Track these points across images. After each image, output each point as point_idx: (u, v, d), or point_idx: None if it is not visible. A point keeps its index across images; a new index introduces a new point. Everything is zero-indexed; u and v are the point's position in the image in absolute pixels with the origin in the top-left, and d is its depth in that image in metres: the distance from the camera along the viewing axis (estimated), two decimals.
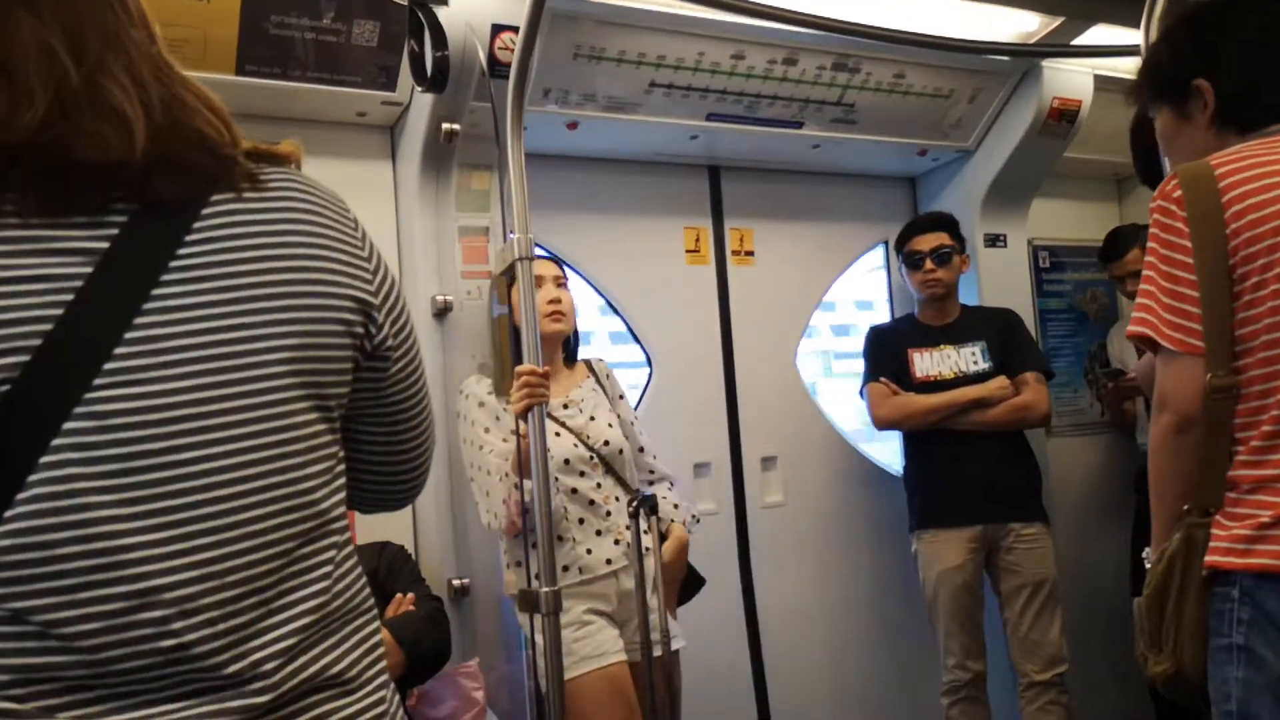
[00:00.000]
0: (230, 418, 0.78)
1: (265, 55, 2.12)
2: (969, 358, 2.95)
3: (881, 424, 2.98)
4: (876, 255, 3.43)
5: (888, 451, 3.38)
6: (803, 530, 3.09)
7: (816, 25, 2.20)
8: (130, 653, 0.73)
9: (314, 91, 2.23)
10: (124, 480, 0.74)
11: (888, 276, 3.42)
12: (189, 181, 0.80)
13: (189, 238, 0.79)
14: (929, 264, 2.92)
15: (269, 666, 0.78)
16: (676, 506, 2.34)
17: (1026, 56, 2.93)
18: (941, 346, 2.95)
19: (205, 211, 0.81)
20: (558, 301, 2.27)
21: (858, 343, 3.12)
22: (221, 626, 0.76)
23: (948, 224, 2.99)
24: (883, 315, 3.42)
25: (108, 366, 0.74)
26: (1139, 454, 3.28)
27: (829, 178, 3.28)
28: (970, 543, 2.82)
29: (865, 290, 3.49)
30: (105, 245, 0.76)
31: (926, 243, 2.93)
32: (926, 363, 2.95)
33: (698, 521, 2.38)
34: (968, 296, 3.07)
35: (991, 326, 3.01)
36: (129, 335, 0.75)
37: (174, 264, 0.78)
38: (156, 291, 0.77)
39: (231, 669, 0.76)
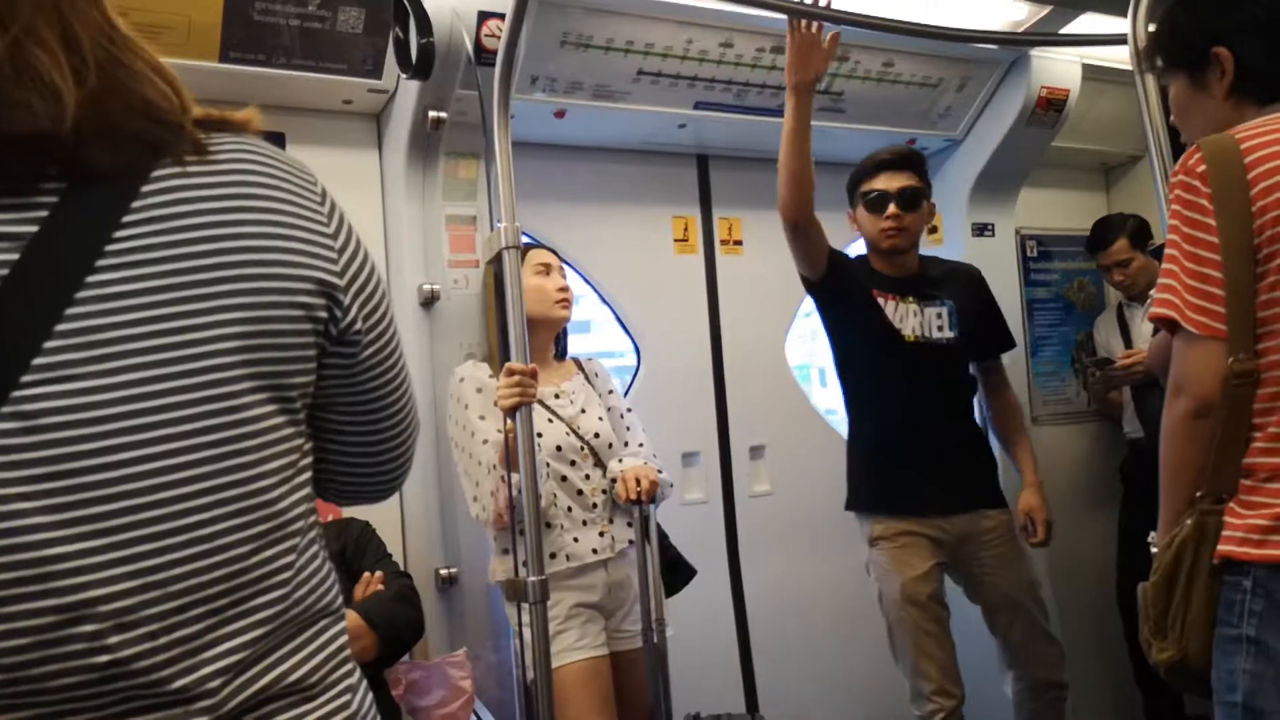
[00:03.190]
0: (173, 414, 0.72)
1: (249, 42, 2.09)
2: (933, 320, 2.53)
3: None
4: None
5: None
6: (791, 519, 3.09)
7: (805, 14, 2.19)
8: (61, 669, 0.68)
9: (299, 79, 2.21)
10: (53, 485, 0.68)
11: None
12: (127, 151, 0.74)
13: (127, 217, 0.73)
14: (893, 208, 2.46)
15: (219, 681, 0.73)
16: (652, 463, 2.26)
17: (1014, 45, 2.93)
18: (907, 299, 2.53)
19: (146, 188, 0.74)
20: (566, 290, 2.28)
21: None
22: (164, 640, 0.71)
23: (916, 162, 2.55)
24: None
25: (36, 362, 0.69)
26: (1125, 443, 3.30)
27: (818, 167, 3.23)
28: (934, 546, 2.47)
29: None
30: (33, 229, 0.70)
31: (891, 181, 2.48)
32: (891, 313, 2.51)
33: (670, 486, 2.30)
34: None
35: (957, 286, 2.62)
36: (60, 327, 0.69)
37: (110, 247, 0.72)
38: (91, 278, 0.71)
39: (178, 684, 0.71)
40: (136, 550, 0.71)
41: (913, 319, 2.51)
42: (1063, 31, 2.83)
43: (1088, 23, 2.78)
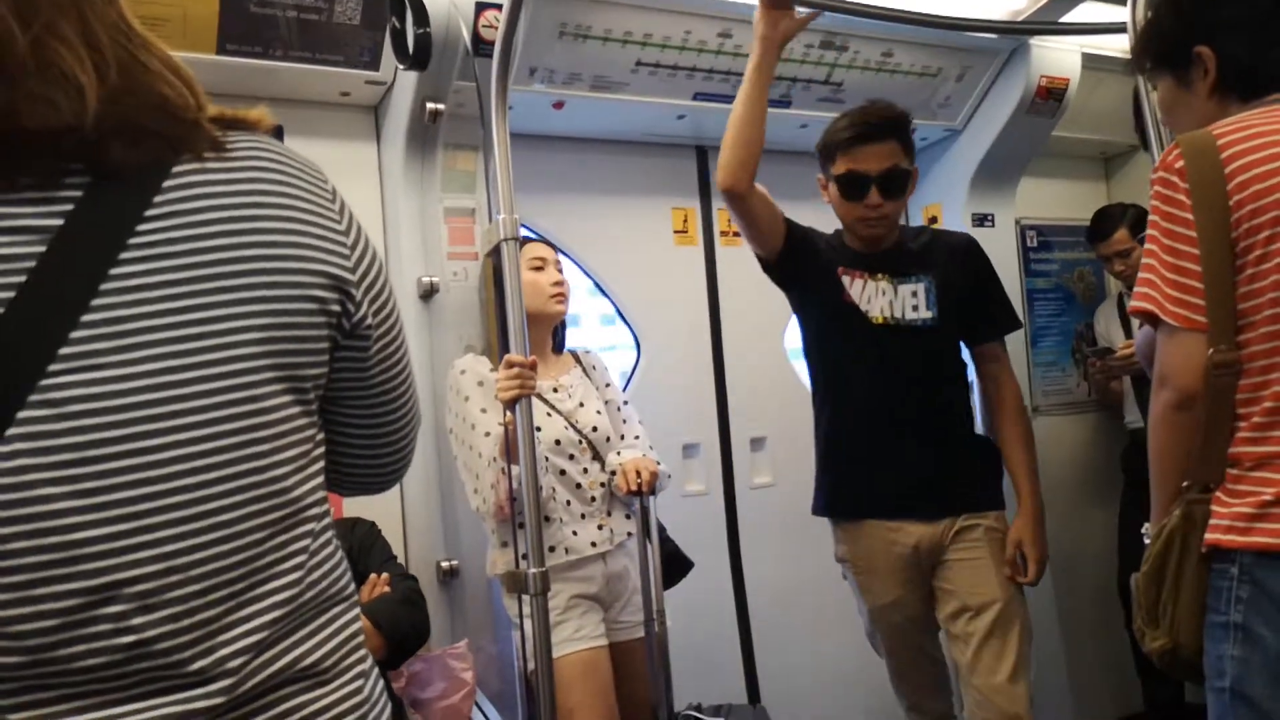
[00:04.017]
0: (195, 403, 0.74)
1: (246, 34, 2.09)
2: (907, 300, 2.19)
3: None
4: None
5: None
6: (791, 511, 3.08)
7: (804, 3, 2.18)
8: (87, 650, 0.71)
9: (296, 71, 2.21)
10: (80, 470, 0.71)
11: None
12: (147, 147, 0.76)
13: (149, 212, 0.75)
14: (874, 195, 2.13)
15: (237, 662, 0.75)
16: (650, 455, 2.28)
17: (1014, 34, 2.92)
18: (878, 277, 2.21)
19: (167, 184, 0.76)
20: (561, 284, 2.27)
21: None
22: (186, 622, 0.73)
23: (900, 128, 2.18)
24: None
25: (63, 351, 0.71)
26: (1126, 433, 3.30)
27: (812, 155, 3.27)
28: (901, 562, 2.20)
29: None
30: (59, 222, 0.72)
31: (874, 160, 2.12)
32: (857, 293, 2.21)
33: (669, 477, 2.30)
34: None
35: (941, 259, 2.26)
36: (86, 318, 0.72)
37: (133, 240, 0.74)
38: (115, 271, 0.73)
39: (197, 665, 0.73)
40: (160, 534, 0.73)
41: (882, 298, 2.18)
42: (1062, 20, 2.82)
43: (1087, 11, 2.77)
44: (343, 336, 0.86)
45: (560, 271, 2.32)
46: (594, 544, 2.17)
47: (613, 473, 2.21)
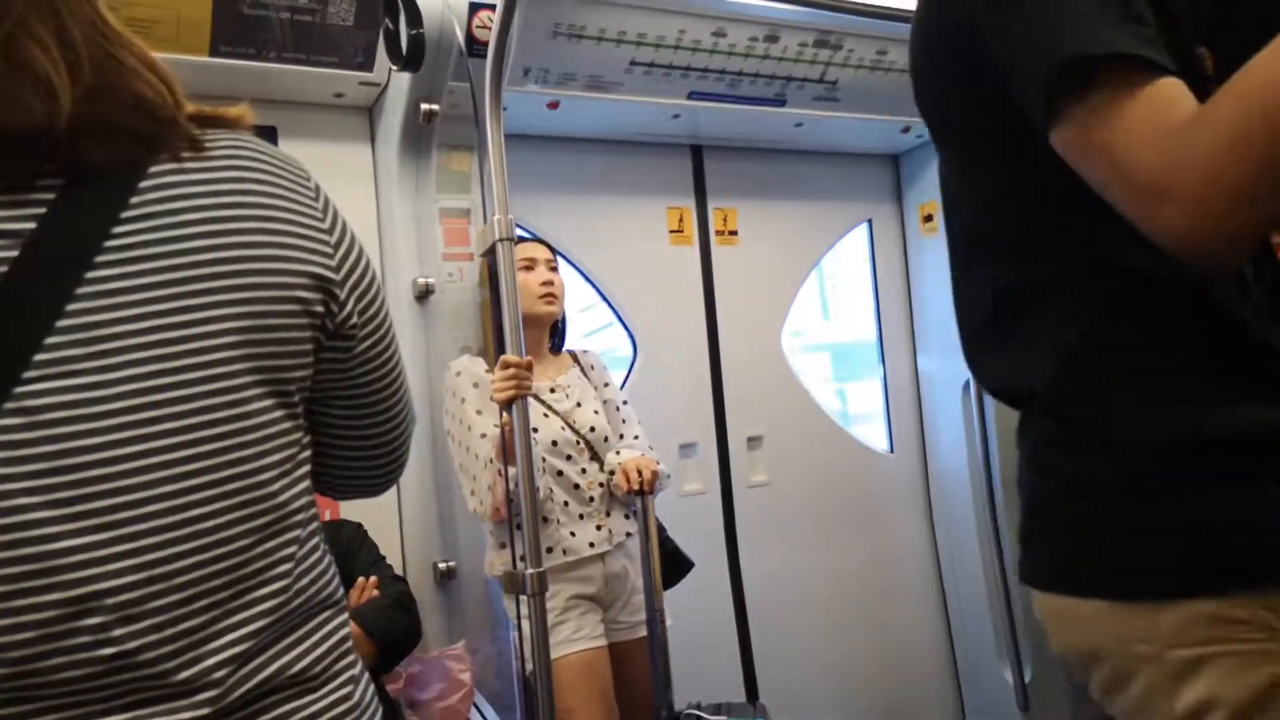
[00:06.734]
0: (174, 409, 0.72)
1: (239, 35, 2.09)
2: None
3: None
4: (859, 233, 3.42)
5: (873, 432, 3.39)
6: (788, 509, 3.10)
7: (798, 1, 2.19)
8: (68, 662, 0.69)
9: (290, 72, 2.20)
10: (56, 480, 0.69)
11: (871, 255, 3.41)
12: (122, 146, 0.74)
13: (125, 214, 0.73)
14: None
15: (222, 673, 0.73)
16: (649, 455, 2.29)
17: None
18: None
19: (143, 184, 0.74)
20: (550, 284, 2.27)
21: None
22: (169, 632, 0.71)
23: None
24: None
25: (37, 358, 0.69)
26: None
27: (812, 156, 3.27)
28: None
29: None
30: (31, 226, 0.70)
31: None
32: None
33: (669, 477, 2.32)
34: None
35: None
36: (61, 323, 0.70)
37: (109, 243, 0.72)
38: (90, 274, 0.71)
39: (181, 676, 0.71)
40: (141, 543, 0.71)
41: None
42: None
43: None
44: (326, 337, 0.83)
45: (554, 271, 2.32)
46: (592, 544, 2.17)
47: (611, 472, 2.21)
